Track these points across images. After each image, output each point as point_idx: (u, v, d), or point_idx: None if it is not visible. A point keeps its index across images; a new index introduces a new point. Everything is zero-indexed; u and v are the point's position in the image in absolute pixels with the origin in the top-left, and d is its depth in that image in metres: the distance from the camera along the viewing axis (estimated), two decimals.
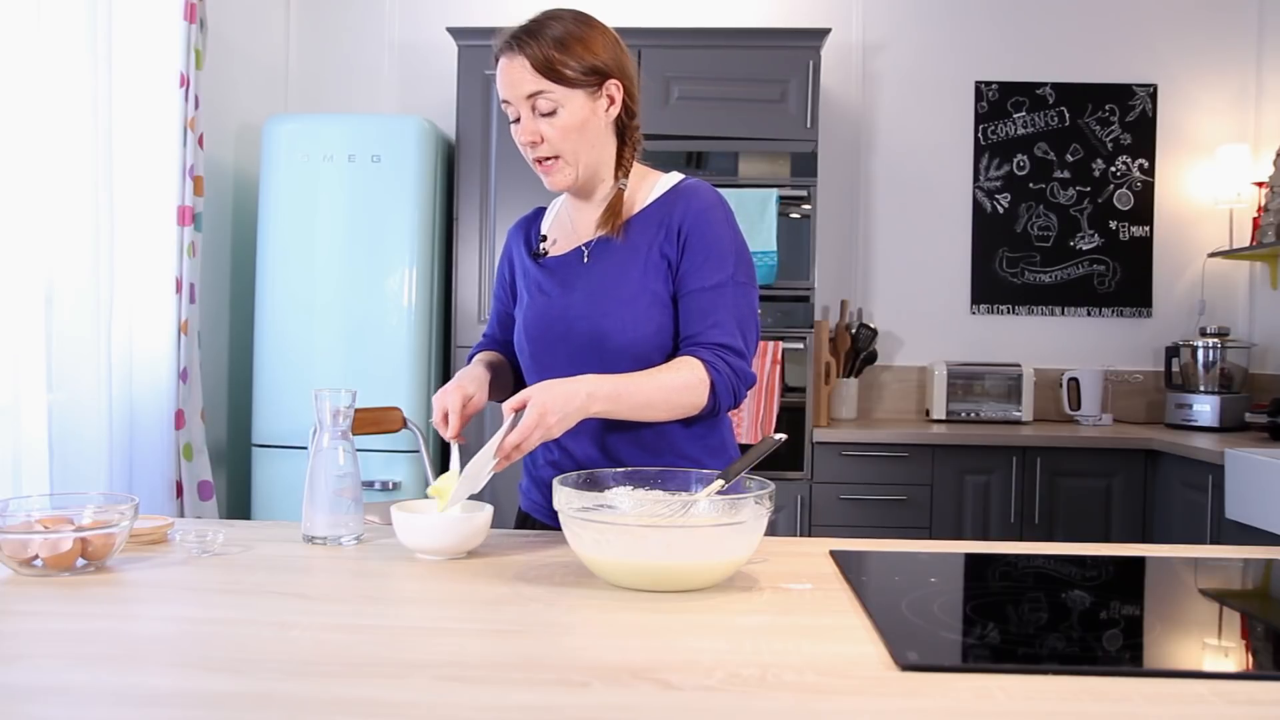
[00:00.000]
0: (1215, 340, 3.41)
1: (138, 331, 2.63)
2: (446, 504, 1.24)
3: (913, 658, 0.83)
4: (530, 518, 1.52)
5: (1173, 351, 3.52)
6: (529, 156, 1.38)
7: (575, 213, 1.48)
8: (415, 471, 3.16)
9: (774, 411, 3.11)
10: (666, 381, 1.30)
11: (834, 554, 1.23)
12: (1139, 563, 1.25)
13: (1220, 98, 3.72)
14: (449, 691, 0.76)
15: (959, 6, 3.76)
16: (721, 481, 1.14)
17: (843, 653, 0.87)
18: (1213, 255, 3.68)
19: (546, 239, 1.50)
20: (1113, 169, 3.73)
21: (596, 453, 1.40)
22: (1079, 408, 3.55)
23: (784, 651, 0.86)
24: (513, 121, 1.36)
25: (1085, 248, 3.74)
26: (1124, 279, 3.74)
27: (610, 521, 1.06)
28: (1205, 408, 3.34)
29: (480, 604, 1.02)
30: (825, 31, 3.26)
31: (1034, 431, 3.29)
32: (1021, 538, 3.18)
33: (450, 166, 3.37)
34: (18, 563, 1.08)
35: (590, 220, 1.43)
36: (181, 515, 2.75)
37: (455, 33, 3.28)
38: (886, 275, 3.79)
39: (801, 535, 3.17)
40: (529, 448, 1.21)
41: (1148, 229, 3.74)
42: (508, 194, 3.26)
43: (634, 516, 1.12)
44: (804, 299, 3.22)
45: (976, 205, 3.76)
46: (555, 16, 1.35)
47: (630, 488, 1.21)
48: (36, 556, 1.08)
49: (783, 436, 1.24)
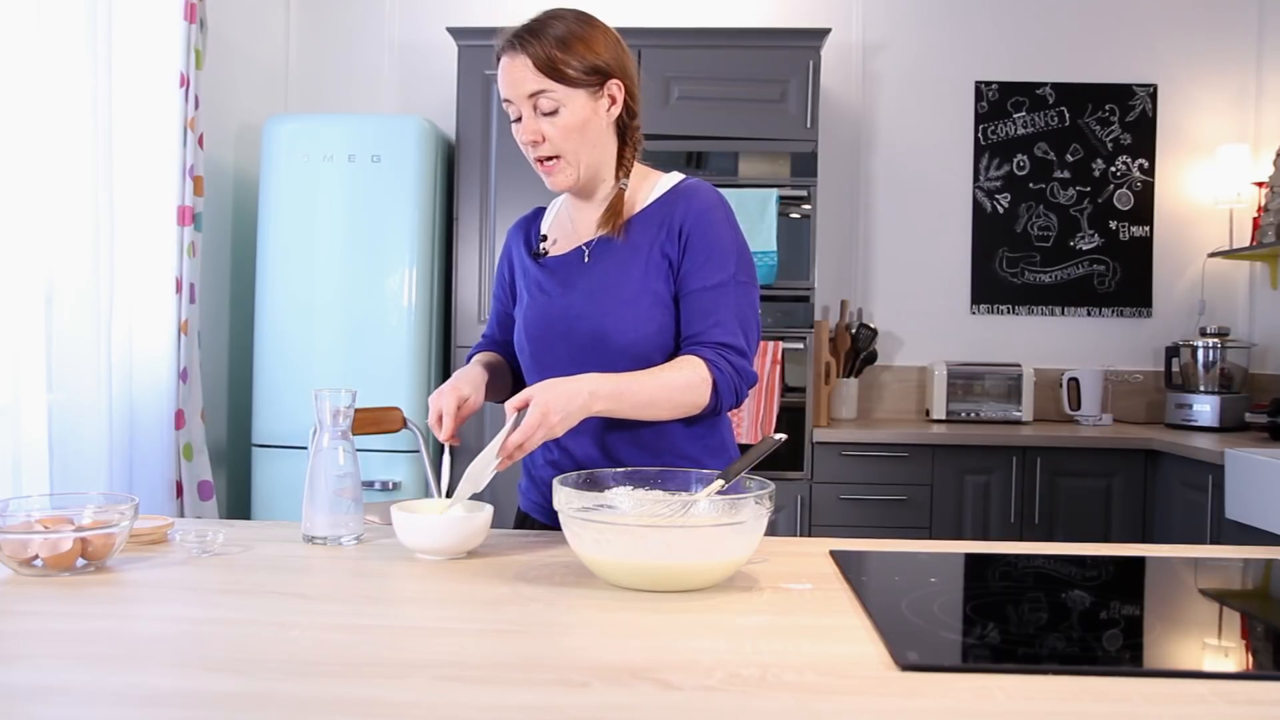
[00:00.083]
0: (1215, 340, 3.41)
1: (138, 331, 2.63)
2: (449, 503, 1.25)
3: (913, 658, 0.83)
4: (529, 518, 1.52)
5: (1173, 351, 3.52)
6: (530, 156, 1.38)
7: (576, 212, 1.48)
8: (415, 471, 3.16)
9: (774, 411, 3.11)
10: (669, 380, 1.30)
11: (834, 554, 1.23)
12: (1139, 563, 1.25)
13: (1220, 98, 3.72)
14: (449, 691, 0.76)
15: (959, 6, 3.76)
16: (721, 481, 1.14)
17: (843, 653, 0.87)
18: (1213, 255, 3.68)
19: (547, 239, 1.50)
20: (1113, 169, 3.73)
21: (596, 452, 1.40)
22: (1079, 408, 3.55)
23: (784, 651, 0.86)
24: (514, 121, 1.36)
25: (1085, 248, 3.74)
26: (1124, 279, 3.74)
27: (610, 521, 1.06)
28: (1205, 408, 3.34)
29: (480, 604, 1.02)
30: (825, 31, 3.26)
31: (1034, 431, 3.29)
32: (1021, 538, 3.18)
33: (450, 166, 3.37)
34: (18, 563, 1.08)
35: (591, 220, 1.43)
36: (181, 515, 2.75)
37: (455, 33, 3.28)
38: (886, 275, 3.79)
39: (801, 535, 3.17)
40: (531, 447, 1.20)
41: (1148, 229, 3.74)
42: (508, 194, 3.26)
43: (634, 516, 1.12)
44: (804, 299, 3.22)
45: (976, 205, 3.76)
46: (557, 16, 1.35)
47: (630, 488, 1.21)
48: (36, 556, 1.08)
49: (783, 436, 1.24)
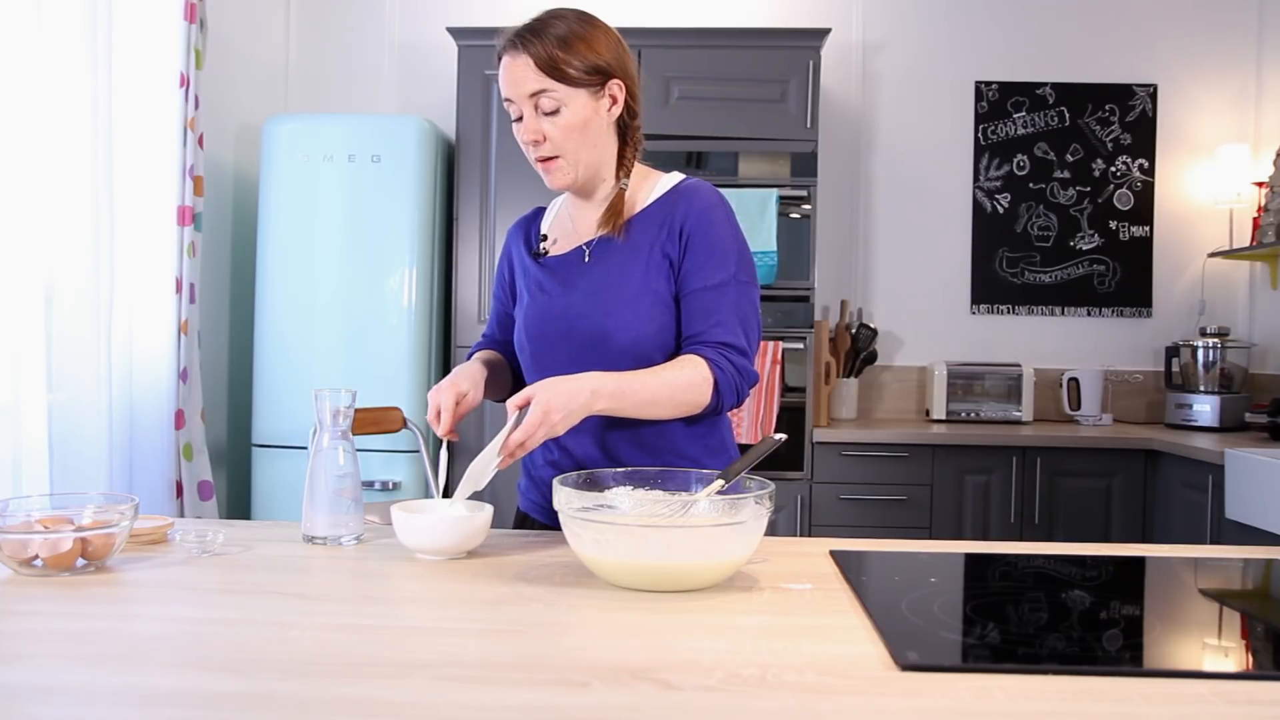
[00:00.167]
0: (1215, 340, 3.40)
1: (138, 331, 2.63)
2: (449, 502, 1.25)
3: (913, 658, 0.83)
4: (529, 518, 1.51)
5: (1173, 351, 3.52)
6: (531, 156, 1.38)
7: (576, 212, 1.48)
8: (415, 471, 3.16)
9: (774, 411, 3.11)
10: (671, 379, 1.30)
11: (834, 554, 1.23)
12: (1139, 563, 1.25)
13: (1220, 98, 3.72)
14: (449, 691, 0.76)
15: (959, 6, 3.76)
16: (721, 481, 1.14)
17: (843, 653, 0.87)
18: (1213, 255, 3.68)
19: (547, 238, 1.50)
20: (1113, 169, 3.73)
21: (596, 452, 1.40)
22: (1079, 408, 3.55)
23: (784, 651, 0.86)
24: (515, 120, 1.36)
25: (1085, 248, 3.74)
26: (1124, 279, 3.74)
27: (610, 521, 1.06)
28: (1205, 408, 3.34)
29: (480, 604, 1.02)
30: (825, 31, 3.26)
31: (1034, 431, 3.29)
32: (1021, 538, 3.18)
33: (450, 166, 3.37)
34: (18, 563, 1.08)
35: (591, 220, 1.43)
36: (181, 515, 2.75)
37: (455, 33, 3.28)
38: (886, 275, 3.79)
39: (801, 535, 3.17)
40: (533, 445, 1.21)
41: (1148, 229, 3.74)
42: (508, 194, 3.26)
43: (634, 516, 1.12)
44: (804, 299, 3.22)
45: (976, 205, 3.76)
46: (559, 15, 1.35)
47: (630, 488, 1.21)
48: (36, 556, 1.08)
49: (783, 436, 1.24)
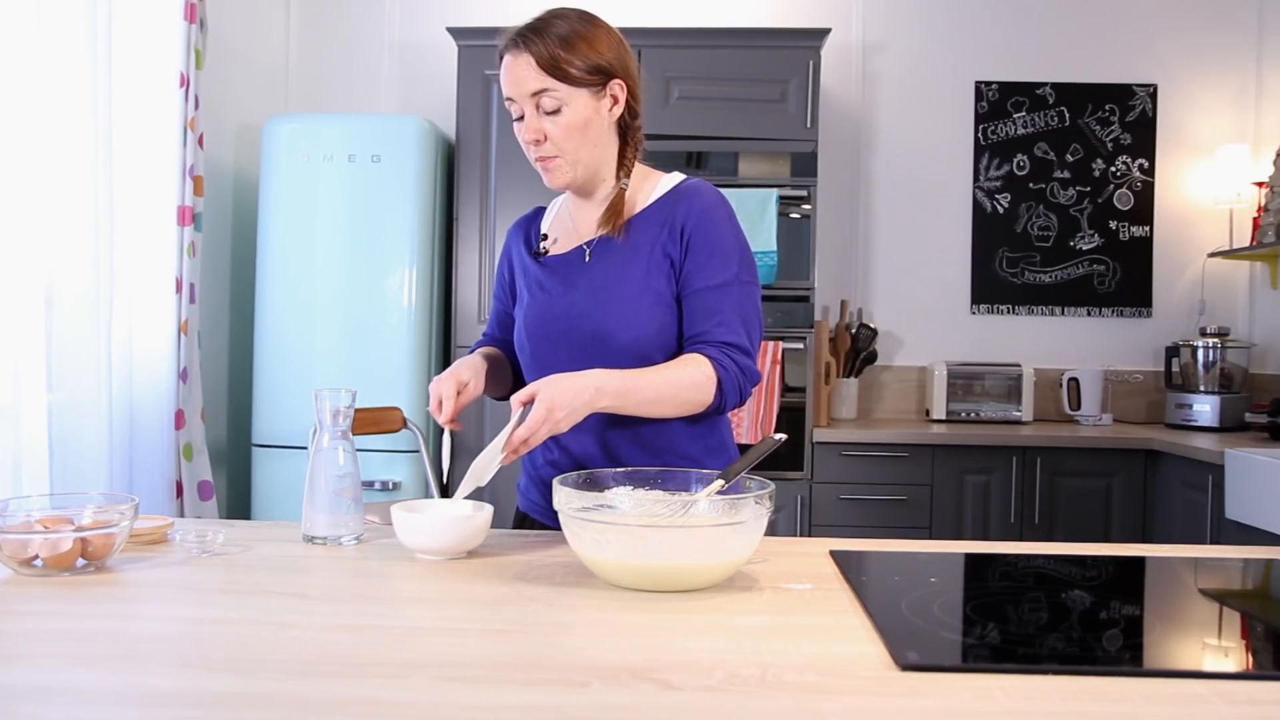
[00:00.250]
0: (1215, 340, 3.40)
1: (138, 331, 2.63)
2: (449, 502, 1.25)
3: (913, 658, 0.83)
4: (529, 518, 1.51)
5: (1173, 351, 3.52)
6: (531, 155, 1.38)
7: (576, 211, 1.48)
8: (415, 471, 3.16)
9: (774, 411, 3.11)
10: (674, 378, 1.30)
11: (834, 554, 1.23)
12: (1139, 563, 1.25)
13: (1220, 98, 3.72)
14: (449, 691, 0.76)
15: (959, 6, 3.76)
16: (721, 481, 1.14)
17: (843, 653, 0.87)
18: (1213, 255, 3.67)
19: (547, 238, 1.50)
20: (1113, 169, 3.73)
21: (597, 451, 1.40)
22: (1079, 408, 3.55)
23: (784, 651, 0.86)
24: (516, 119, 1.36)
25: (1085, 248, 3.74)
26: (1124, 279, 3.74)
27: (610, 521, 1.06)
28: (1205, 408, 3.34)
29: (480, 604, 1.02)
30: (825, 31, 3.26)
31: (1034, 431, 3.29)
32: (1021, 538, 3.18)
33: (450, 166, 3.37)
34: (18, 563, 1.08)
35: (591, 219, 1.43)
36: (181, 515, 2.75)
37: (455, 33, 3.28)
38: (886, 275, 3.79)
39: (801, 535, 3.17)
40: (536, 442, 1.21)
41: (1148, 229, 3.74)
42: (508, 194, 3.26)
43: (634, 516, 1.12)
44: (804, 299, 3.22)
45: (976, 205, 3.76)
46: (560, 15, 1.35)
47: (630, 488, 1.21)
48: (36, 556, 1.08)
49: (783, 436, 1.24)
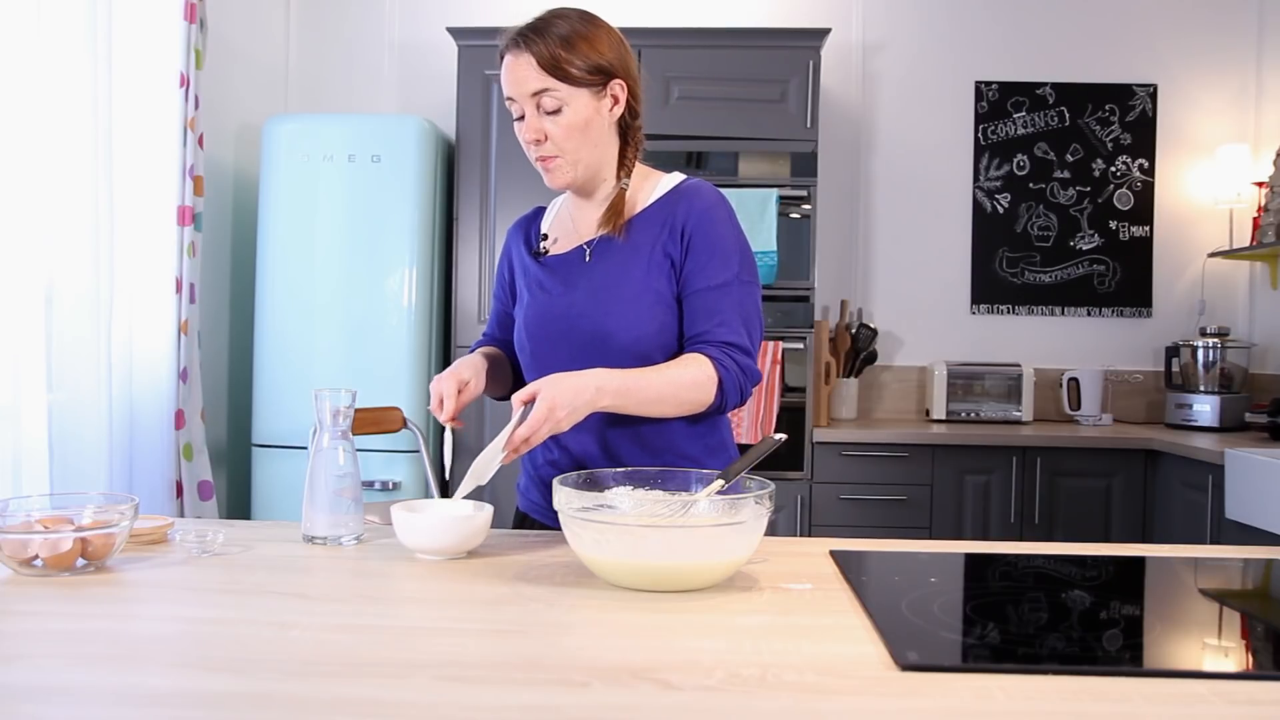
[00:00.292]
0: (1215, 340, 3.40)
1: (138, 331, 2.63)
2: (449, 502, 1.25)
3: (913, 658, 0.83)
4: (528, 518, 1.51)
5: (1173, 351, 3.52)
6: (532, 155, 1.38)
7: (577, 211, 1.48)
8: (415, 471, 3.16)
9: (774, 411, 3.11)
10: (675, 377, 1.30)
11: (834, 554, 1.23)
12: (1139, 563, 1.25)
13: (1220, 98, 3.72)
14: (449, 691, 0.76)
15: (959, 6, 3.76)
16: (721, 481, 1.14)
17: (843, 653, 0.87)
18: (1213, 255, 3.67)
19: (547, 237, 1.50)
20: (1113, 169, 3.73)
21: (597, 450, 1.40)
22: (1079, 408, 3.55)
23: (784, 651, 0.86)
24: (516, 119, 1.36)
25: (1085, 248, 3.74)
26: (1124, 279, 3.74)
27: (610, 521, 1.06)
28: (1205, 408, 3.34)
29: (480, 604, 1.02)
30: (825, 31, 3.26)
31: (1034, 431, 3.29)
32: (1021, 538, 3.18)
33: (450, 166, 3.37)
34: (18, 563, 1.08)
35: (592, 219, 1.43)
36: (181, 515, 2.75)
37: (455, 33, 3.28)
38: (886, 275, 3.79)
39: (801, 535, 3.17)
40: (538, 441, 1.21)
41: (1148, 229, 3.74)
42: (508, 194, 3.26)
43: (634, 516, 1.12)
44: (804, 299, 3.22)
45: (976, 205, 3.76)
46: (561, 15, 1.35)
47: (630, 488, 1.21)
48: (36, 556, 1.08)
49: (783, 436, 1.24)
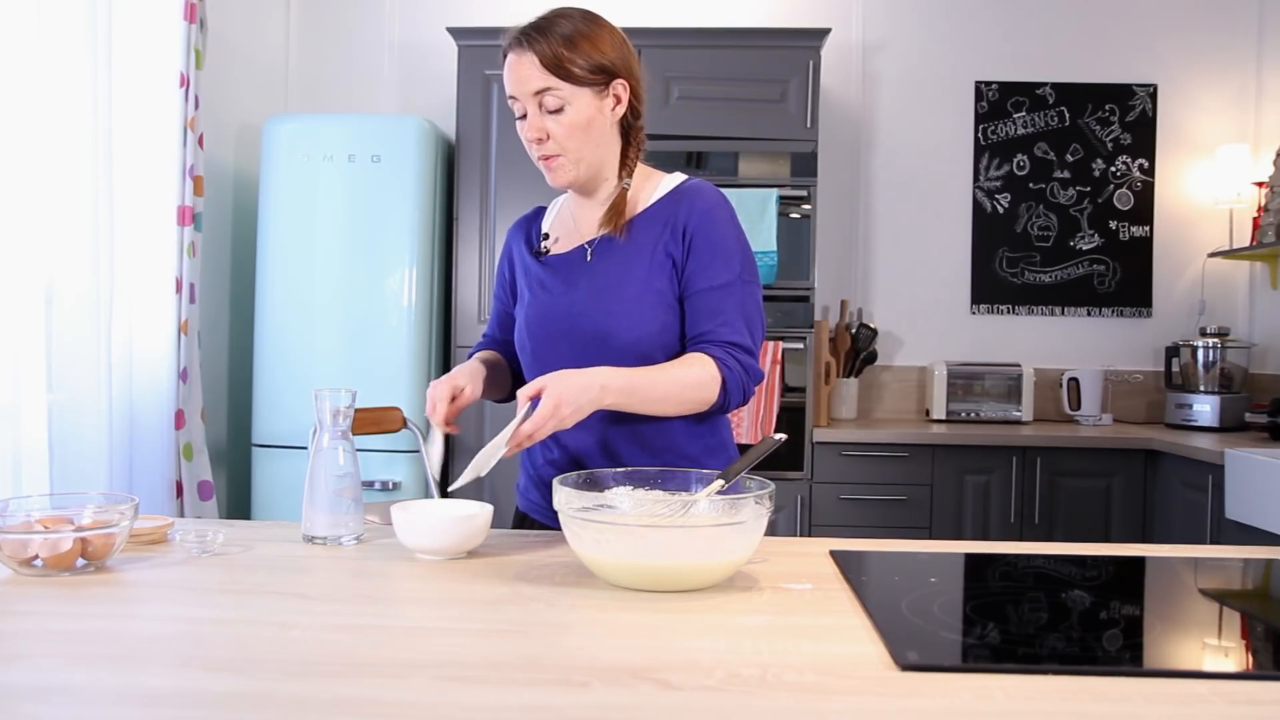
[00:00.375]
0: (1215, 340, 3.40)
1: (138, 331, 2.63)
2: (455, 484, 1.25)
3: (913, 658, 0.83)
4: (528, 518, 1.51)
5: (1173, 351, 3.52)
6: (533, 153, 1.38)
7: (578, 211, 1.48)
8: (415, 471, 3.16)
9: (774, 411, 3.11)
10: (679, 376, 1.31)
11: (834, 554, 1.23)
12: (1139, 563, 1.25)
13: (1220, 98, 3.72)
14: (449, 691, 0.76)
15: (959, 6, 3.76)
16: (721, 481, 1.14)
17: (843, 653, 0.87)
18: (1213, 255, 3.67)
19: (548, 237, 1.50)
20: (1113, 169, 3.73)
21: (597, 450, 1.40)
22: (1079, 408, 3.55)
23: (784, 651, 0.86)
24: (519, 118, 1.36)
25: (1085, 248, 3.74)
26: (1124, 279, 3.74)
27: (610, 521, 1.06)
28: (1205, 408, 3.34)
29: (480, 604, 1.02)
30: (825, 31, 3.26)
31: (1034, 431, 3.29)
32: (1021, 538, 3.18)
33: (450, 166, 3.37)
34: (18, 563, 1.08)
35: (593, 219, 1.43)
36: (181, 515, 2.75)
37: (455, 33, 3.28)
38: (886, 275, 3.79)
39: (801, 535, 3.17)
40: (541, 437, 1.22)
41: (1148, 229, 3.74)
42: (508, 194, 3.26)
43: (634, 516, 1.12)
44: (804, 299, 3.22)
45: (976, 205, 3.76)
46: (564, 14, 1.35)
47: (630, 488, 1.21)
48: (36, 556, 1.08)
49: (783, 436, 1.24)
